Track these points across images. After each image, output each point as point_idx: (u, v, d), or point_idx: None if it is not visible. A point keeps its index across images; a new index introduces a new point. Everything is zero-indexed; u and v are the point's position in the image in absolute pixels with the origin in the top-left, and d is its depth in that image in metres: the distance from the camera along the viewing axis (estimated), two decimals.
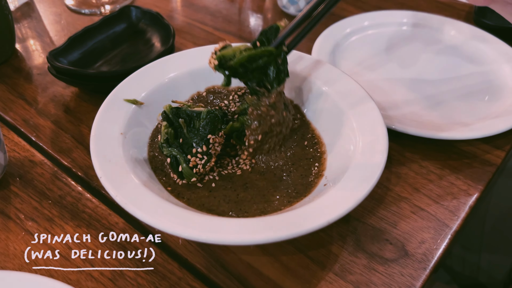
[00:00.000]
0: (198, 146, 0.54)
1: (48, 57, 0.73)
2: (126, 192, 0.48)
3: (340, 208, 0.46)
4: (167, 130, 0.54)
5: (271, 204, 0.53)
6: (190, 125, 0.55)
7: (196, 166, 0.54)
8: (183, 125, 0.54)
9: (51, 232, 0.56)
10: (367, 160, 0.52)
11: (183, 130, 0.54)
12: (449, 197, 0.61)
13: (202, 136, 0.54)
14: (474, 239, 0.94)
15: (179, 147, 0.54)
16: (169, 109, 0.54)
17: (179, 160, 0.54)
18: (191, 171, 0.54)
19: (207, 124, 0.54)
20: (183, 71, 0.66)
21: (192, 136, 0.54)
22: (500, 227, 0.92)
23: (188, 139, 0.54)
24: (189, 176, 0.54)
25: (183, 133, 0.54)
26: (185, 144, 0.54)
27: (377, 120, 0.57)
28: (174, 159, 0.54)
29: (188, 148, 0.54)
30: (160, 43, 0.81)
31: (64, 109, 0.75)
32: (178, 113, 0.54)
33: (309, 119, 0.65)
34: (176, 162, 0.54)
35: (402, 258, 0.54)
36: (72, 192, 0.61)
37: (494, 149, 0.69)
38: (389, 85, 0.78)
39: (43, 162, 0.65)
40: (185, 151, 0.54)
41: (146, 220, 0.45)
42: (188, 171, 0.54)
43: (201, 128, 0.54)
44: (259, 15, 1.03)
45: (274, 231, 0.44)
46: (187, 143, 0.54)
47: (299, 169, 0.58)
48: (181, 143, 0.54)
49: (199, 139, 0.54)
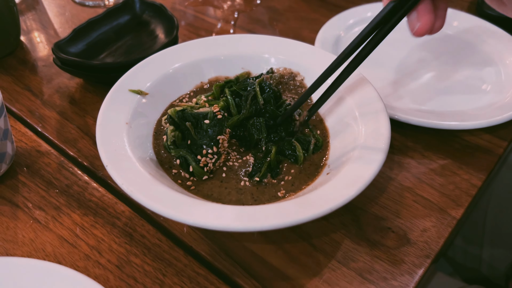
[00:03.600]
0: (209, 148, 0.54)
1: (53, 48, 0.73)
2: (131, 180, 0.49)
3: (342, 196, 0.47)
4: (174, 134, 0.55)
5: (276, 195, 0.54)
6: (198, 127, 0.55)
7: (206, 165, 0.55)
8: (191, 128, 0.54)
9: (59, 220, 0.57)
10: (369, 150, 0.52)
11: (191, 132, 0.55)
12: (451, 187, 0.62)
13: (212, 138, 0.54)
14: (476, 231, 0.95)
15: (188, 148, 0.55)
16: (175, 113, 0.54)
17: (188, 160, 0.54)
18: (202, 170, 0.55)
19: (215, 125, 0.54)
20: (187, 62, 0.67)
21: (201, 137, 0.55)
22: (502, 220, 0.93)
23: (196, 140, 0.55)
24: (200, 175, 0.55)
25: (190, 135, 0.55)
26: (193, 145, 0.55)
27: (380, 110, 0.57)
28: (184, 160, 0.55)
29: (197, 148, 0.55)
30: (164, 35, 0.81)
31: (69, 100, 0.75)
32: (184, 116, 0.55)
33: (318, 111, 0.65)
34: (186, 163, 0.55)
35: (404, 246, 0.55)
36: (78, 181, 0.62)
37: (497, 139, 0.69)
38: (392, 76, 0.78)
39: (49, 152, 0.66)
40: (194, 151, 0.55)
41: (151, 207, 0.46)
42: (199, 170, 0.54)
43: (210, 130, 0.54)
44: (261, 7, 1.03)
45: (275, 218, 0.45)
46: (196, 144, 0.55)
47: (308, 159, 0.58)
48: (190, 144, 0.55)
49: (208, 140, 0.54)
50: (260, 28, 0.95)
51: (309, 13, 1.00)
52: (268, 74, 0.66)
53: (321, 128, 0.62)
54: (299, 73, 0.68)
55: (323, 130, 0.62)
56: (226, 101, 0.62)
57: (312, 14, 1.00)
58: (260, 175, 0.55)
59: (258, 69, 0.69)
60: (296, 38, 0.90)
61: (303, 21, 0.98)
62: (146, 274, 0.51)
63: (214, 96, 0.65)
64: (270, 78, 0.65)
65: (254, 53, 0.69)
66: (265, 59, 0.69)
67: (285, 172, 0.57)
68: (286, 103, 0.63)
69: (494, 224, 0.93)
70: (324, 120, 0.63)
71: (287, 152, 0.59)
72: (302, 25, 0.97)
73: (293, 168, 0.57)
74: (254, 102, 0.62)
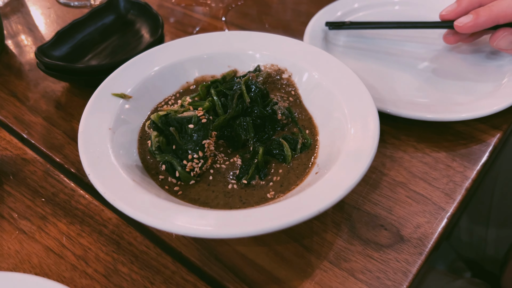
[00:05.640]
0: (194, 152, 0.53)
1: (36, 53, 0.72)
2: (114, 188, 0.47)
3: (330, 197, 0.46)
4: (158, 139, 0.53)
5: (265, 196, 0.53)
6: (182, 131, 0.54)
7: (193, 169, 0.53)
8: (175, 133, 0.53)
9: (45, 230, 0.56)
10: (357, 148, 0.51)
11: (175, 137, 0.53)
12: (445, 180, 0.61)
13: (197, 142, 0.53)
14: (482, 212, 0.93)
15: (173, 153, 0.54)
16: (158, 118, 0.53)
17: (174, 165, 0.53)
18: (189, 175, 0.53)
19: (199, 130, 0.53)
20: (171, 62, 0.65)
21: (186, 142, 0.53)
22: (508, 200, 0.92)
23: (181, 145, 0.53)
24: (187, 180, 0.54)
25: (175, 140, 0.53)
26: (178, 150, 0.54)
27: (369, 106, 0.56)
28: (170, 165, 0.54)
29: (183, 153, 0.53)
30: (149, 34, 0.80)
31: (55, 105, 0.74)
32: (167, 121, 0.53)
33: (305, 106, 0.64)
34: (172, 168, 0.54)
35: (397, 243, 0.54)
36: (65, 189, 0.61)
37: (491, 128, 0.67)
38: (383, 68, 0.77)
39: (35, 159, 0.65)
40: (180, 156, 0.53)
41: (134, 216, 0.45)
42: (185, 175, 0.53)
43: (195, 134, 0.53)
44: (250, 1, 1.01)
45: (261, 223, 0.44)
46: (181, 149, 0.53)
47: (296, 158, 0.57)
48: (175, 149, 0.54)
49: (193, 145, 0.53)
50: (249, 22, 0.94)
51: (299, 5, 0.98)
52: (254, 73, 0.65)
53: (310, 127, 0.61)
54: (286, 69, 0.66)
55: (312, 128, 0.61)
56: (212, 102, 0.60)
57: (301, 6, 0.98)
58: (248, 177, 0.54)
59: (245, 67, 0.68)
60: (286, 32, 0.90)
61: (293, 14, 0.96)
62: (133, 283, 0.50)
63: (200, 97, 0.63)
64: (257, 77, 0.64)
65: (240, 50, 0.68)
66: (251, 56, 0.67)
67: (274, 173, 0.56)
68: (273, 101, 0.62)
69: (500, 205, 0.91)
70: (313, 118, 0.62)
71: (275, 151, 0.57)
72: (292, 17, 0.95)
73: (282, 168, 0.56)
74: (240, 101, 0.60)
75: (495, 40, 0.70)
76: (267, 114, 0.60)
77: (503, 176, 0.92)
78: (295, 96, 0.65)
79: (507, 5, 0.66)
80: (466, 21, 0.69)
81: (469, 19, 0.69)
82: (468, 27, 0.69)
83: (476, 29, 0.69)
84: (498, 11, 0.66)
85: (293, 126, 0.62)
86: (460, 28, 0.70)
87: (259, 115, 0.60)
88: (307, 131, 0.61)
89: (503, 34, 0.69)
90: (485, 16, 0.67)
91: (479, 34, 0.75)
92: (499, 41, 0.69)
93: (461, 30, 0.70)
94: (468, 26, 0.69)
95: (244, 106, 0.60)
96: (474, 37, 0.76)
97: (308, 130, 0.61)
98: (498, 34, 0.69)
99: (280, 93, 0.65)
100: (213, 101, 0.60)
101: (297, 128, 0.61)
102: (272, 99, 0.62)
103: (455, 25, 0.70)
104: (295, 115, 0.63)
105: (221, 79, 0.66)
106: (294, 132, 0.60)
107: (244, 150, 0.59)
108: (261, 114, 0.60)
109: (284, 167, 0.56)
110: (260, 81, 0.64)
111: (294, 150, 0.58)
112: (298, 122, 0.62)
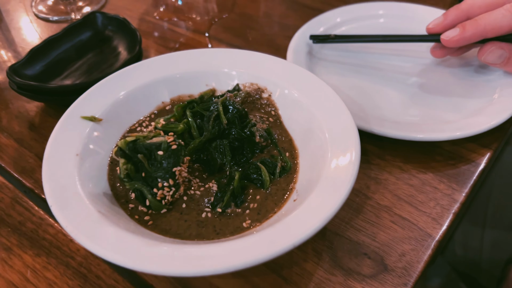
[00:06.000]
0: (164, 180, 0.50)
1: (8, 72, 0.69)
2: (77, 221, 0.45)
3: (307, 229, 0.43)
4: (126, 166, 0.50)
5: (241, 225, 0.50)
6: (151, 158, 0.50)
7: (164, 197, 0.51)
8: (144, 160, 0.50)
9: (9, 263, 0.53)
10: (337, 175, 0.48)
11: (144, 164, 0.50)
12: (432, 203, 0.58)
13: (167, 170, 0.50)
14: (477, 225, 0.91)
15: (143, 180, 0.51)
16: (125, 144, 0.50)
17: (144, 193, 0.50)
18: (160, 203, 0.50)
19: (169, 157, 0.50)
20: (145, 81, 0.63)
21: (155, 170, 0.50)
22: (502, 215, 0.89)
23: (151, 173, 0.50)
24: (158, 209, 0.51)
25: (144, 167, 0.50)
26: (148, 178, 0.51)
27: (350, 129, 0.53)
28: (140, 193, 0.51)
29: (153, 181, 0.50)
30: (127, 51, 0.77)
31: (28, 126, 0.71)
32: (135, 148, 0.50)
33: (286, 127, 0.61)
34: (142, 196, 0.51)
35: (381, 273, 0.51)
36: (32, 217, 0.58)
37: (480, 147, 0.65)
38: (368, 83, 0.74)
39: (3, 185, 0.62)
40: (150, 184, 0.50)
41: (97, 252, 0.42)
42: (156, 204, 0.50)
43: (164, 162, 0.50)
44: (234, 14, 0.99)
45: (234, 259, 0.41)
46: (151, 176, 0.50)
47: (275, 183, 0.54)
48: (144, 177, 0.51)
49: (163, 173, 0.50)
50: (233, 36, 0.91)
51: (284, 19, 0.96)
52: (233, 92, 0.62)
53: (290, 149, 0.58)
54: (266, 88, 0.64)
55: (293, 150, 0.58)
56: (187, 124, 0.58)
57: (287, 20, 0.95)
58: (223, 205, 0.51)
59: (224, 85, 0.65)
60: (270, 46, 0.87)
61: (278, 27, 0.94)
62: None
63: (175, 118, 0.60)
64: (235, 97, 0.61)
65: (219, 69, 0.65)
66: (230, 74, 0.65)
67: (251, 199, 0.53)
68: (251, 122, 0.59)
69: (497, 210, 0.89)
70: (294, 140, 0.59)
71: (253, 176, 0.55)
72: (277, 31, 0.93)
73: (259, 193, 0.53)
74: (217, 123, 0.58)
75: (483, 55, 0.67)
76: (245, 136, 0.57)
77: (497, 190, 0.89)
78: (275, 117, 0.62)
79: (494, 18, 0.64)
80: (453, 35, 0.67)
81: (455, 33, 0.66)
82: (455, 41, 0.67)
83: (463, 42, 0.67)
84: (485, 25, 0.64)
85: (273, 148, 0.59)
86: (447, 42, 0.67)
87: (236, 137, 0.57)
88: (287, 153, 0.58)
89: (491, 48, 0.66)
90: (471, 29, 0.65)
91: (467, 47, 0.73)
92: (487, 55, 0.67)
93: (448, 44, 0.68)
94: (455, 40, 0.67)
95: (221, 128, 0.57)
96: (462, 50, 0.74)
97: (288, 152, 0.58)
98: (485, 48, 0.67)
99: (260, 113, 0.63)
100: (188, 123, 0.58)
101: (277, 151, 0.58)
102: (250, 120, 0.60)
103: (442, 38, 0.68)
104: (275, 136, 0.60)
105: (199, 98, 0.63)
106: (273, 155, 0.58)
107: (220, 175, 0.56)
108: (239, 136, 0.57)
109: (262, 193, 0.53)
110: (238, 101, 0.61)
111: (272, 174, 0.55)
112: (278, 144, 0.59)
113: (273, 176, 0.55)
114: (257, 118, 0.61)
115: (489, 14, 0.64)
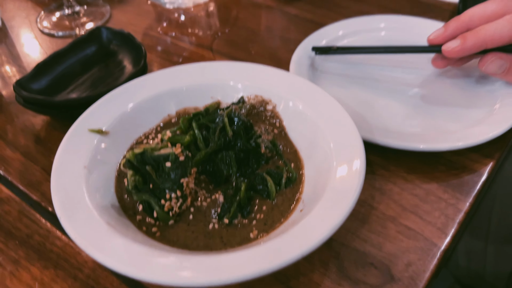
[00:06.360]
0: (172, 192, 0.50)
1: (15, 86, 0.70)
2: (86, 232, 0.45)
3: (314, 239, 0.43)
4: (134, 178, 0.51)
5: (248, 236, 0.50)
6: (159, 170, 0.51)
7: (171, 209, 0.51)
8: (152, 172, 0.51)
9: (16, 275, 0.53)
10: (343, 185, 0.49)
11: (152, 175, 0.51)
12: (437, 213, 0.58)
13: (175, 181, 0.51)
14: (480, 236, 0.91)
15: (150, 192, 0.51)
16: (133, 156, 0.51)
17: (152, 205, 0.51)
18: (167, 215, 0.51)
19: (177, 168, 0.51)
20: (151, 94, 0.63)
21: (163, 181, 0.51)
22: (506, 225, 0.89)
23: (159, 184, 0.51)
24: (165, 220, 0.51)
25: (152, 178, 0.51)
26: (156, 189, 0.51)
27: (355, 140, 0.54)
28: (147, 204, 0.51)
29: (160, 192, 0.51)
30: (132, 65, 0.78)
31: (34, 139, 0.72)
32: (143, 160, 0.51)
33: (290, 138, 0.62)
34: (150, 208, 0.51)
35: (387, 283, 0.51)
36: (40, 230, 0.58)
37: (483, 157, 0.65)
38: (371, 95, 0.75)
39: (10, 198, 0.62)
40: (158, 195, 0.51)
41: (106, 263, 0.42)
42: (163, 215, 0.51)
43: (172, 173, 0.51)
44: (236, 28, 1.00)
45: (242, 269, 0.41)
46: (158, 187, 0.51)
47: (281, 194, 0.55)
48: (152, 188, 0.51)
49: (171, 184, 0.50)
50: (236, 50, 0.92)
51: (286, 32, 0.97)
52: (238, 105, 0.63)
53: (295, 160, 0.59)
54: (270, 100, 0.64)
55: (298, 161, 0.59)
56: (193, 136, 0.58)
57: (289, 33, 0.97)
58: (230, 216, 0.52)
59: (228, 98, 0.66)
60: (272, 60, 0.88)
61: (280, 41, 0.95)
62: None
63: (181, 130, 0.61)
64: (240, 109, 0.62)
65: (223, 81, 0.66)
66: (234, 87, 0.66)
67: (257, 210, 0.53)
68: (257, 134, 0.60)
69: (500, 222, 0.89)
70: (299, 151, 0.60)
71: (259, 187, 0.55)
72: (279, 45, 0.94)
73: (266, 204, 0.54)
74: (222, 134, 0.58)
75: (484, 65, 0.68)
76: (251, 147, 0.58)
77: (499, 200, 0.89)
78: (280, 128, 0.63)
79: (494, 29, 0.65)
80: (453, 46, 0.68)
81: (456, 44, 0.67)
82: (456, 52, 0.68)
83: (464, 53, 0.68)
84: (485, 36, 0.65)
85: (278, 159, 0.59)
86: (448, 52, 0.68)
87: (242, 148, 0.58)
88: (292, 164, 0.58)
89: (491, 58, 0.67)
90: (472, 40, 0.66)
91: (468, 58, 0.74)
92: (487, 66, 0.68)
93: (449, 55, 0.69)
94: (456, 50, 0.68)
95: (226, 139, 0.58)
96: (463, 61, 0.75)
97: (293, 163, 0.59)
98: (486, 58, 0.68)
99: (265, 125, 0.63)
100: (194, 135, 0.58)
101: (282, 162, 0.59)
102: (256, 132, 0.60)
103: (443, 49, 0.69)
104: (280, 148, 0.61)
105: (204, 111, 0.64)
106: (279, 165, 0.58)
107: (226, 186, 0.56)
108: (244, 148, 0.58)
109: (268, 204, 0.54)
110: (243, 113, 0.62)
111: (278, 185, 0.55)
112: (283, 155, 0.60)
113: (279, 187, 0.55)
114: (262, 129, 0.62)
115: (489, 25, 0.65)
